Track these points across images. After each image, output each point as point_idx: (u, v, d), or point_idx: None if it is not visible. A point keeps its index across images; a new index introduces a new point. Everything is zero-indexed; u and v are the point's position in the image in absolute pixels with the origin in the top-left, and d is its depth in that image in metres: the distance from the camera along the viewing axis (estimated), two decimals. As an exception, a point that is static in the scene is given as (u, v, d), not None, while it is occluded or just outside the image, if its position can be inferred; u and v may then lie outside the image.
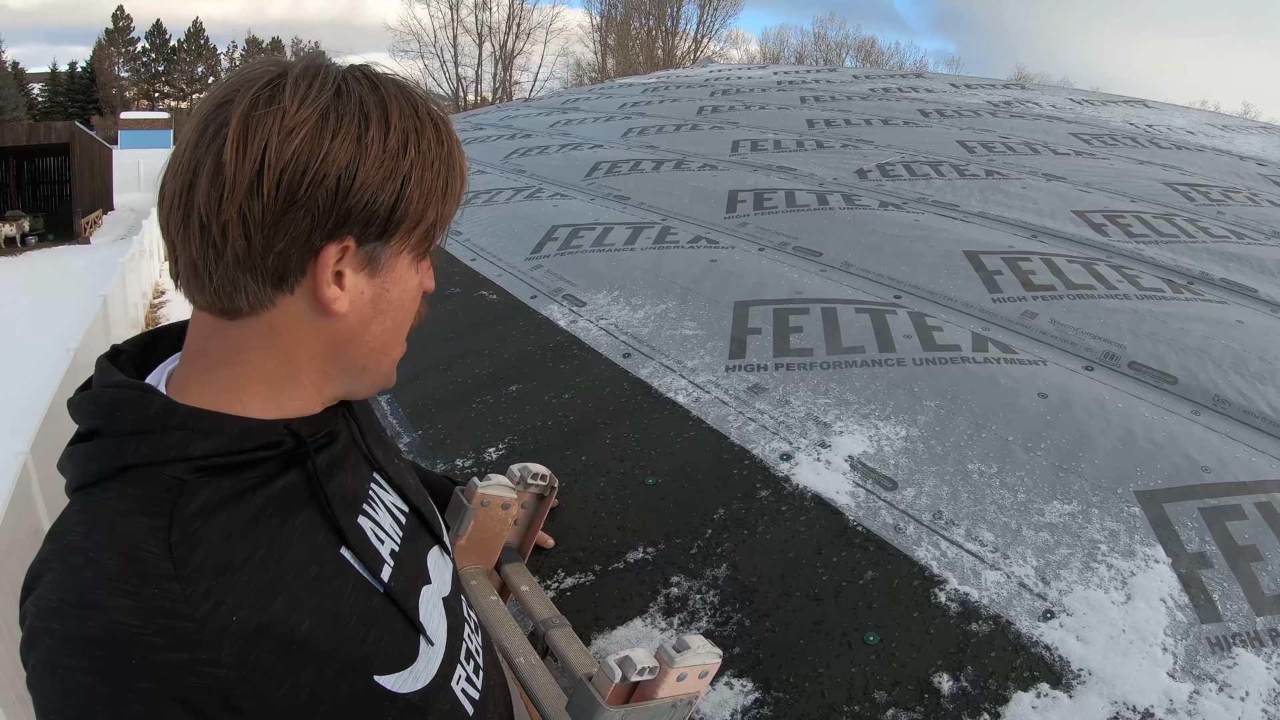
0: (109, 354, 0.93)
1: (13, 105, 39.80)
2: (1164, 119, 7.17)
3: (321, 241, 0.86)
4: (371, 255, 0.90)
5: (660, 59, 43.98)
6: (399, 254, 0.93)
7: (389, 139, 0.87)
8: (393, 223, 0.89)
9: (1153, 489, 1.94)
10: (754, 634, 1.68)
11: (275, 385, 0.91)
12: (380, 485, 1.07)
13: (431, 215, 0.93)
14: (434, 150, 0.91)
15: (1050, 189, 4.48)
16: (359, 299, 0.91)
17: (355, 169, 0.84)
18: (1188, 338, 2.66)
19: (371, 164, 0.85)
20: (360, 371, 0.98)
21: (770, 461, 2.19)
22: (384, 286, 0.93)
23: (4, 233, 23.85)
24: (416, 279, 0.98)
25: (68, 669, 0.72)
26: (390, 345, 0.99)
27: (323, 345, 0.92)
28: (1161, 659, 1.54)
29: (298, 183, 0.82)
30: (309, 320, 0.90)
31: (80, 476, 0.83)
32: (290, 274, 0.86)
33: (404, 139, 0.88)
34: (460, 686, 1.05)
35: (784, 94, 8.61)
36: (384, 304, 0.94)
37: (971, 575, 1.75)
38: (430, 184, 0.91)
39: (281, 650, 0.80)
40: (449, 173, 0.93)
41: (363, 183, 0.85)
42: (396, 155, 0.87)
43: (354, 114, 0.85)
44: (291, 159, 0.82)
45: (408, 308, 0.98)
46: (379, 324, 0.95)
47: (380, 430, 1.20)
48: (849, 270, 3.46)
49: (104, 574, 0.75)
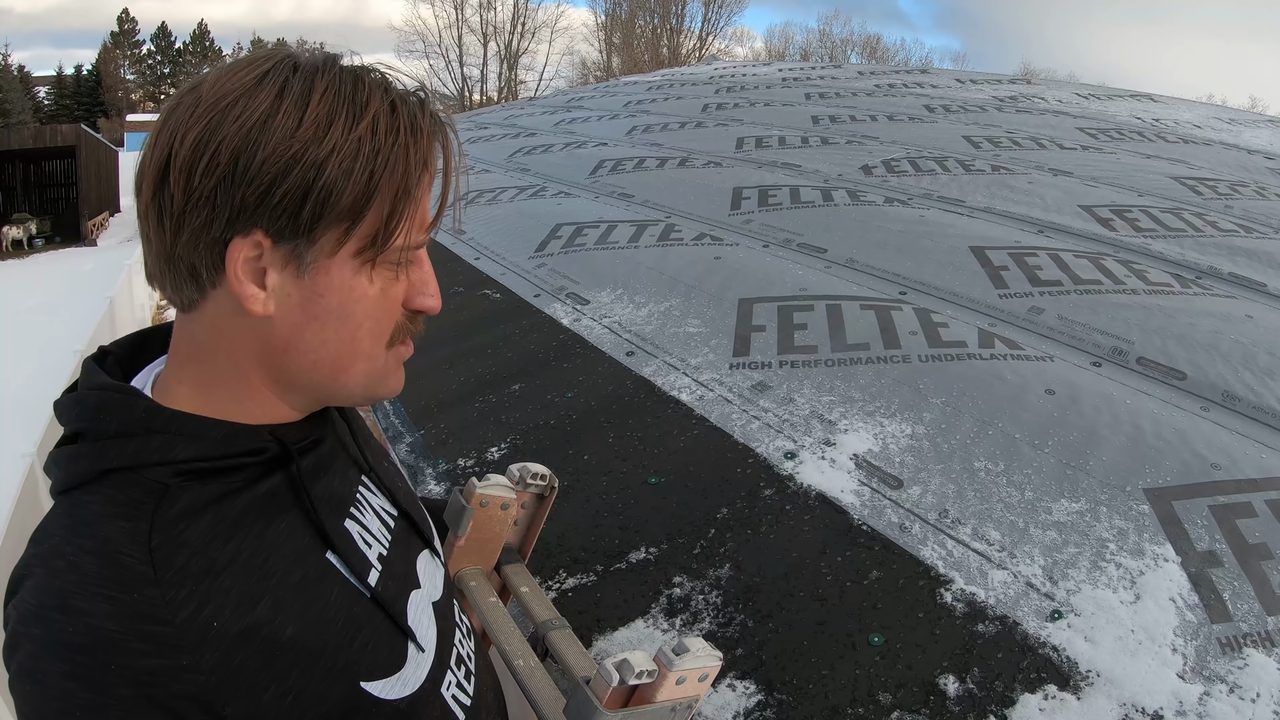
0: (95, 355, 0.92)
1: (19, 109, 39.96)
2: (1171, 113, 7.12)
3: (227, 235, 0.80)
4: (295, 254, 0.83)
5: (665, 57, 43.95)
6: (333, 255, 0.84)
7: (304, 121, 0.79)
8: (314, 217, 0.81)
9: (1162, 487, 1.92)
10: (757, 635, 1.66)
11: (236, 388, 0.89)
12: (369, 489, 1.05)
13: (377, 212, 0.84)
14: (380, 138, 0.82)
15: (1057, 184, 4.45)
16: (285, 301, 0.85)
17: (253, 153, 0.78)
18: (1196, 333, 2.63)
19: (272, 148, 0.78)
20: (316, 385, 0.92)
21: (774, 460, 2.17)
22: (315, 291, 0.85)
23: (11, 235, 24.02)
24: (372, 287, 0.88)
25: (48, 674, 0.71)
26: (343, 358, 0.90)
27: (258, 349, 0.87)
28: (1171, 660, 1.51)
29: (193, 170, 0.78)
30: (241, 319, 0.85)
31: (64, 479, 0.82)
32: (202, 269, 0.82)
33: (324, 121, 0.79)
34: (450, 692, 1.03)
35: (789, 90, 8.57)
36: (318, 310, 0.86)
37: (978, 575, 1.73)
38: (365, 174, 0.81)
39: (265, 655, 0.79)
40: (401, 164, 0.84)
41: (259, 169, 0.78)
42: (310, 140, 0.79)
43: (267, 95, 0.79)
44: (190, 146, 0.78)
45: (361, 318, 0.88)
46: (315, 332, 0.87)
47: (369, 433, 1.18)
48: (854, 267, 3.43)
49: (85, 578, 0.74)
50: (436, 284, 0.96)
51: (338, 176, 0.80)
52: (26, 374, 8.05)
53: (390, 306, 0.91)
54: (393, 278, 0.90)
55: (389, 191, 0.83)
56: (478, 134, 8.54)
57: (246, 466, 0.87)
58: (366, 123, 0.81)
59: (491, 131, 8.55)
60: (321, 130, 0.79)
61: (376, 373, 0.94)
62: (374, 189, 0.82)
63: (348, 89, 0.81)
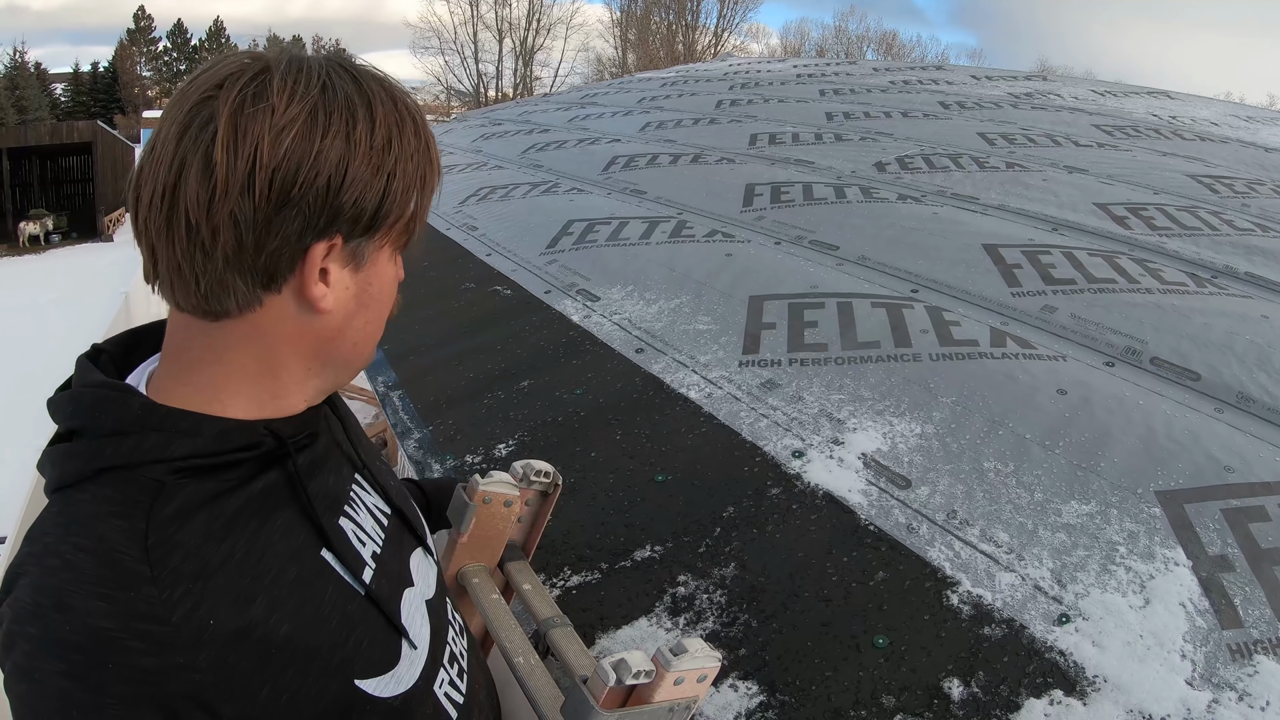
0: (89, 353, 0.92)
1: (36, 105, 40.25)
2: (1188, 110, 7.06)
3: (311, 240, 0.85)
4: (356, 251, 0.90)
5: (681, 53, 43.89)
6: (381, 248, 0.93)
7: (375, 135, 0.86)
8: (379, 218, 0.89)
9: (1174, 489, 1.89)
10: (761, 635, 1.65)
11: (256, 384, 0.90)
12: (362, 486, 1.06)
13: (412, 208, 0.94)
14: (413, 144, 0.91)
15: (1071, 181, 4.41)
16: (343, 294, 0.91)
17: (345, 167, 0.84)
18: (1211, 333, 2.60)
19: (360, 161, 0.85)
20: (343, 364, 0.98)
21: (782, 459, 2.15)
22: (367, 281, 0.93)
23: (28, 231, 24.22)
24: (394, 270, 0.98)
25: (44, 673, 0.71)
26: (373, 336, 0.99)
27: (309, 342, 0.91)
28: (1180, 666, 1.49)
29: (290, 182, 0.81)
30: (295, 319, 0.89)
31: (59, 477, 0.83)
32: (280, 274, 0.86)
33: (388, 134, 0.88)
34: (443, 690, 1.04)
35: (803, 87, 8.54)
36: (366, 298, 0.94)
37: (985, 577, 1.71)
38: (412, 177, 0.91)
39: (260, 653, 0.79)
40: (427, 165, 0.94)
41: (353, 180, 0.85)
42: (382, 151, 0.87)
43: (341, 110, 0.85)
44: (284, 158, 0.81)
45: (387, 299, 0.98)
46: (362, 317, 0.94)
47: (361, 431, 1.19)
48: (866, 264, 3.41)
49: (81, 577, 0.74)
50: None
51: (399, 181, 0.90)
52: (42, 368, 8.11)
53: (395, 284, 1.01)
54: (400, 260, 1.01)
55: (421, 193, 0.95)
56: (492, 130, 8.54)
57: (242, 463, 0.87)
58: (409, 132, 0.91)
59: (505, 128, 8.56)
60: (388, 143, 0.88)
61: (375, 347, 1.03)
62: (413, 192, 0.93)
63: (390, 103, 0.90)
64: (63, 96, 44.42)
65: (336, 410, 1.07)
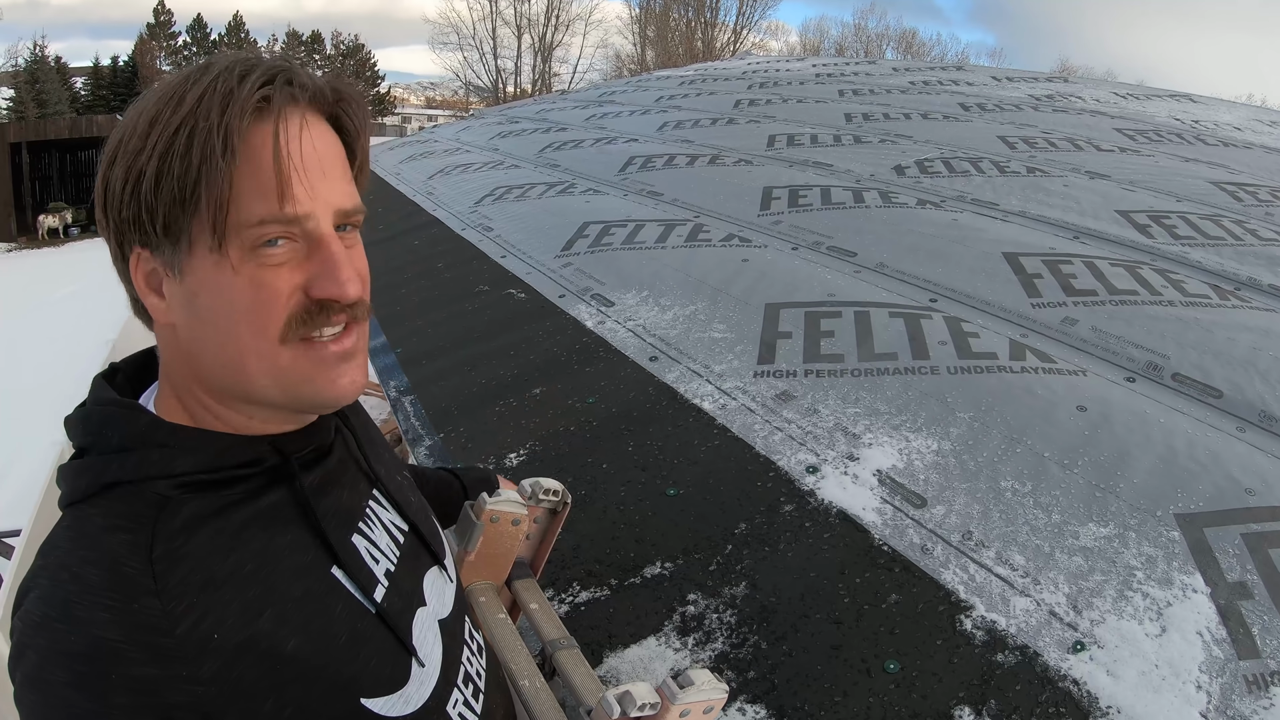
0: (105, 372, 0.94)
1: (55, 99, 40.58)
2: (1210, 114, 6.97)
3: (125, 254, 0.85)
4: (170, 258, 0.83)
5: (700, 51, 43.78)
6: (191, 251, 0.82)
7: (137, 129, 0.81)
8: (153, 218, 0.81)
9: (1193, 512, 1.86)
10: (770, 657, 1.63)
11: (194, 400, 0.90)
12: (379, 502, 1.04)
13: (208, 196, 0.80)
14: (196, 121, 0.79)
15: (1093, 187, 4.36)
16: (177, 306, 0.85)
17: (111, 178, 0.83)
18: (1234, 348, 2.56)
19: (120, 166, 0.82)
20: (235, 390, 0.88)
21: (796, 474, 2.13)
22: (189, 290, 0.83)
23: (47, 224, 24.50)
24: (238, 277, 0.82)
25: (51, 683, 0.72)
26: (235, 357, 0.85)
27: (181, 359, 0.89)
28: (1195, 697, 1.46)
29: (99, 208, 0.85)
30: (163, 333, 0.89)
31: (70, 493, 0.84)
32: (131, 293, 0.88)
33: (148, 123, 0.81)
34: (457, 710, 1.02)
35: (822, 87, 8.49)
36: (198, 309, 0.84)
37: (1000, 601, 1.68)
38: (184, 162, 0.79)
39: (265, 668, 0.79)
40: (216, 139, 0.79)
41: (119, 189, 0.82)
42: (139, 149, 0.80)
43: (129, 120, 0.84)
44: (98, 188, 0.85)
45: (236, 312, 0.83)
46: (203, 331, 0.85)
47: (382, 444, 1.17)
48: (884, 271, 3.38)
49: (86, 589, 0.75)
50: (346, 267, 0.87)
51: (158, 172, 0.79)
52: (59, 361, 8.16)
53: (267, 296, 0.83)
54: (266, 263, 0.83)
55: (208, 173, 0.79)
56: (509, 128, 8.54)
57: (249, 478, 0.88)
58: (185, 112, 0.80)
59: (523, 126, 8.55)
60: (145, 132, 0.80)
61: (283, 373, 0.86)
62: (193, 175, 0.79)
63: (179, 87, 0.82)
64: (83, 90, 44.70)
65: (350, 423, 1.05)
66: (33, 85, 39.90)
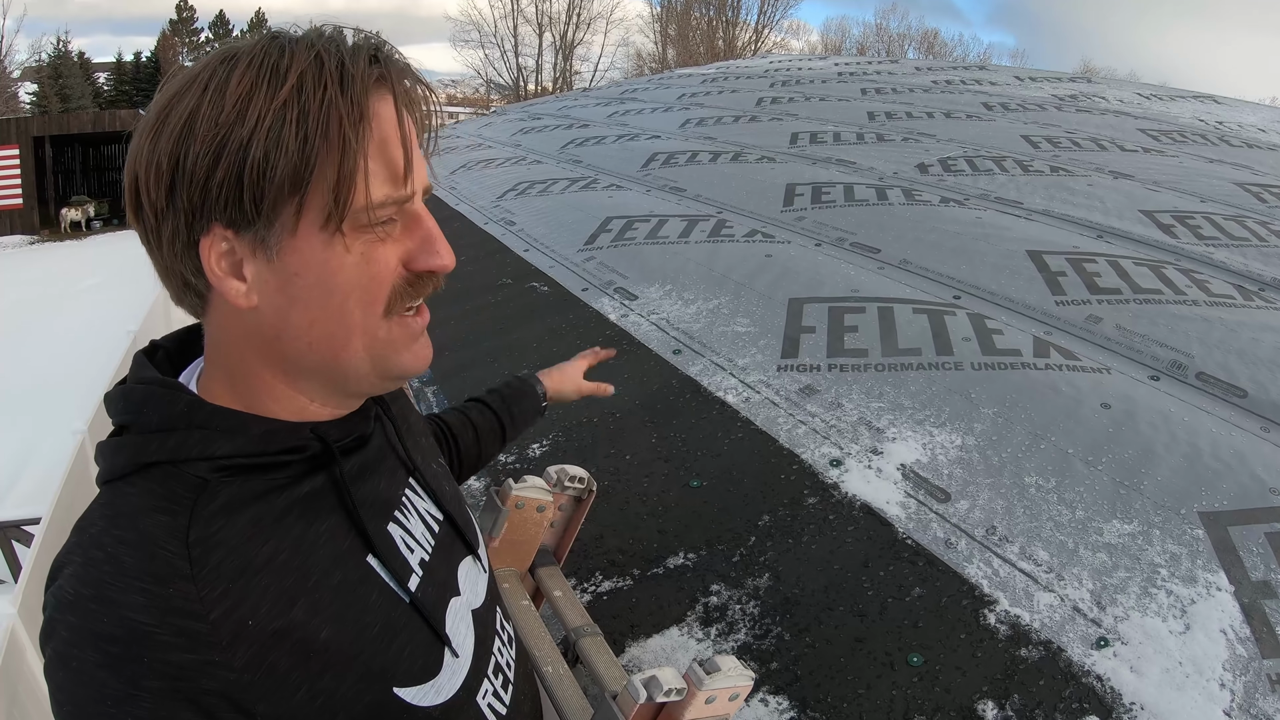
0: (146, 349, 0.92)
1: (79, 94, 40.83)
2: (1234, 115, 6.91)
3: (194, 238, 0.79)
4: (259, 239, 0.79)
5: (721, 50, 43.68)
6: (295, 231, 0.80)
7: (225, 105, 0.76)
8: (255, 198, 0.77)
9: (1217, 510, 1.84)
10: (793, 649, 1.62)
11: (256, 385, 0.88)
12: (415, 491, 1.04)
13: (322, 176, 0.78)
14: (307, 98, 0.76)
15: (1117, 187, 4.33)
16: (265, 289, 0.81)
17: (186, 153, 0.76)
18: (1259, 348, 2.53)
19: (201, 142, 0.75)
20: (321, 369, 0.88)
21: (819, 467, 2.12)
22: (288, 271, 0.81)
23: (70, 217, 24.69)
24: (350, 255, 0.82)
25: (81, 662, 0.72)
26: (338, 335, 0.85)
27: (260, 342, 0.85)
28: (1218, 695, 1.45)
29: (148, 187, 0.78)
30: (236, 315, 0.83)
31: (107, 470, 0.83)
32: (190, 276, 0.82)
33: (245, 98, 0.76)
34: (486, 701, 1.01)
35: (844, 85, 8.46)
36: (296, 290, 0.82)
37: (1024, 596, 1.67)
38: (298, 141, 0.76)
39: (299, 655, 0.78)
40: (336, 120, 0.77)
41: (193, 167, 0.76)
42: (233, 123, 0.75)
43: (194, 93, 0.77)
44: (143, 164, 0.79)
45: (346, 289, 0.83)
46: (300, 313, 0.83)
47: (420, 430, 1.16)
48: (907, 268, 3.36)
49: (121, 570, 0.74)
50: (443, 240, 0.87)
51: (267, 150, 0.75)
52: (81, 353, 8.22)
53: (378, 271, 0.84)
54: (375, 240, 0.83)
55: (328, 152, 0.77)
56: (531, 124, 8.55)
57: (288, 464, 0.86)
58: (290, 86, 0.76)
59: (545, 122, 8.56)
60: (243, 108, 0.75)
61: (380, 345, 0.87)
62: (310, 154, 0.77)
63: (271, 59, 0.77)
64: (105, 85, 44.95)
65: (389, 411, 1.05)
66: (56, 80, 40.23)
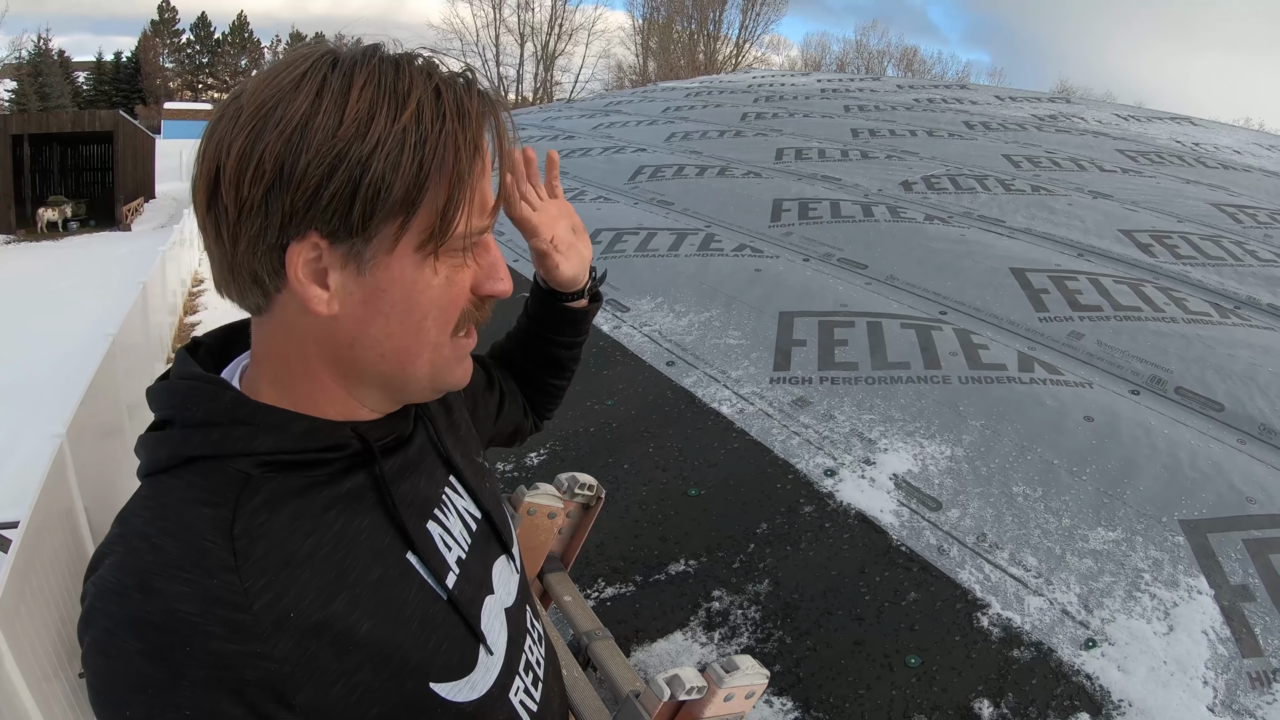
0: (189, 345, 0.94)
1: (58, 93, 40.41)
2: (1210, 137, 7.07)
3: (283, 241, 0.78)
4: (353, 252, 0.80)
5: (702, 63, 43.92)
6: (392, 250, 0.81)
7: (344, 118, 0.76)
8: (365, 214, 0.78)
9: (1197, 518, 1.93)
10: (795, 652, 1.68)
11: (310, 386, 0.89)
12: (455, 489, 1.06)
13: (431, 203, 0.79)
14: (426, 126, 0.78)
15: (1097, 206, 4.44)
16: (348, 299, 0.82)
17: (297, 157, 0.75)
18: (1235, 364, 2.63)
19: (315, 150, 0.75)
20: (383, 379, 0.90)
21: (814, 477, 2.19)
22: (377, 286, 0.82)
23: (46, 217, 24.30)
24: (437, 278, 0.84)
25: (122, 650, 0.73)
26: (410, 350, 0.87)
27: (328, 350, 0.86)
28: (1201, 692, 1.53)
29: (240, 180, 0.76)
30: (307, 320, 0.83)
31: (149, 463, 0.84)
32: (264, 275, 0.81)
33: (365, 116, 0.76)
34: (518, 698, 1.04)
35: (828, 102, 8.57)
36: (383, 305, 0.83)
37: (1015, 600, 1.75)
38: (414, 166, 0.77)
39: (338, 648, 0.80)
40: (451, 151, 0.79)
41: (304, 173, 0.75)
42: (353, 138, 0.76)
43: (305, 96, 0.76)
44: (236, 156, 0.76)
45: (427, 308, 0.85)
46: (378, 327, 0.85)
47: (465, 428, 1.15)
48: (894, 284, 3.44)
49: (166, 560, 0.75)
50: (506, 267, 0.90)
51: (385, 171, 0.77)
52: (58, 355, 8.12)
53: (456, 294, 0.87)
54: (459, 265, 0.86)
55: (441, 180, 0.79)
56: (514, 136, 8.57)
57: (330, 461, 0.88)
58: (410, 112, 0.77)
59: (529, 133, 8.60)
60: (364, 126, 0.76)
61: (442, 362, 0.91)
62: (424, 179, 0.78)
63: (389, 79, 0.78)
64: (85, 85, 44.59)
65: (428, 410, 1.05)
66: (35, 78, 39.74)
